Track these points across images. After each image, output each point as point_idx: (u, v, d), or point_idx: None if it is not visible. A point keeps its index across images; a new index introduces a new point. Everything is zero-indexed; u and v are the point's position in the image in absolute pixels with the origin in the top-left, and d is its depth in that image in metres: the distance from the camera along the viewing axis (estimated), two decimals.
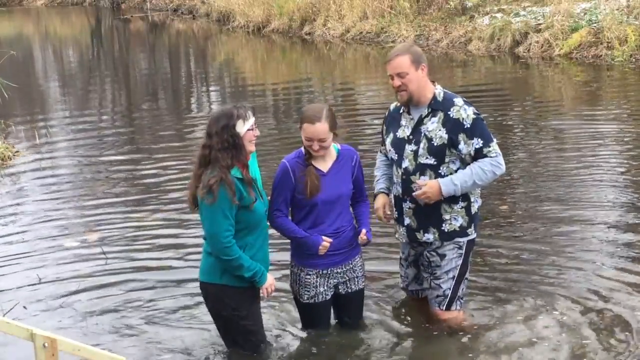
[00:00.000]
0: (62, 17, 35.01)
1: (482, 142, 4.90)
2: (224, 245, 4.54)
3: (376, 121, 11.81)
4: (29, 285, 6.46)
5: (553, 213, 7.39)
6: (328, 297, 5.05)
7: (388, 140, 5.17)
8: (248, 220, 4.62)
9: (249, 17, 23.29)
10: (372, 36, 19.61)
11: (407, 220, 5.13)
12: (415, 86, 4.92)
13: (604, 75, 14.23)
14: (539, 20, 16.51)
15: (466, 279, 5.22)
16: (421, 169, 4.97)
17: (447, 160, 4.94)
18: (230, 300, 4.71)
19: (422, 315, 5.41)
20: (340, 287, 5.06)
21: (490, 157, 4.90)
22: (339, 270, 5.00)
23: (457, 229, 5.04)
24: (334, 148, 4.93)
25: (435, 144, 4.92)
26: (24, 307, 6.04)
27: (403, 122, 5.09)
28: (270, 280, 4.77)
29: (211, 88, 17.50)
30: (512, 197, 7.96)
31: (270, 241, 4.91)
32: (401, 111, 5.11)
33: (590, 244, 6.68)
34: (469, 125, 4.88)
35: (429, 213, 5.01)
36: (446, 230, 5.04)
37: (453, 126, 4.89)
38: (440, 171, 4.95)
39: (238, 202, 4.52)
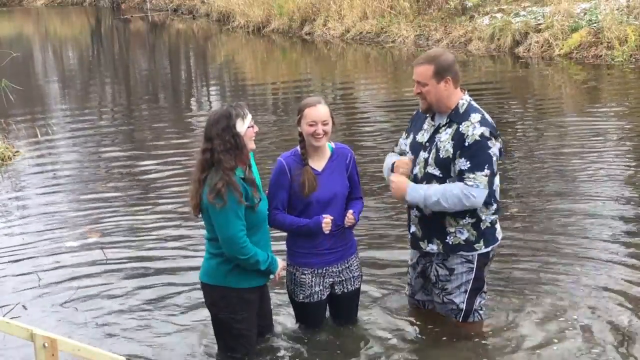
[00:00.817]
0: (62, 17, 35.02)
1: (468, 165, 4.65)
2: (241, 246, 4.54)
3: (375, 120, 11.84)
4: (29, 285, 6.46)
5: (557, 210, 7.41)
6: (323, 297, 5.05)
7: (408, 141, 5.03)
8: (252, 221, 4.63)
9: (249, 17, 23.29)
10: (372, 36, 19.61)
11: (413, 228, 5.04)
12: (433, 98, 4.77)
13: (604, 75, 14.22)
14: (539, 20, 16.51)
15: (484, 292, 5.06)
16: (428, 178, 4.83)
17: (452, 175, 4.76)
18: (229, 303, 4.72)
19: (420, 315, 5.39)
20: (336, 287, 5.06)
21: (466, 184, 4.65)
22: (334, 270, 5.00)
23: (463, 242, 4.87)
24: (328, 147, 4.93)
25: (441, 156, 4.77)
26: (24, 307, 6.04)
27: (425, 126, 4.95)
28: (281, 265, 4.83)
29: (211, 87, 17.51)
30: (516, 193, 7.97)
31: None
32: (427, 114, 4.96)
33: (599, 239, 6.67)
34: (467, 144, 4.66)
35: (434, 223, 4.88)
36: (450, 243, 4.89)
37: (457, 141, 4.71)
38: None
39: (246, 203, 4.52)
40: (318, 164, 4.88)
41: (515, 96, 13.27)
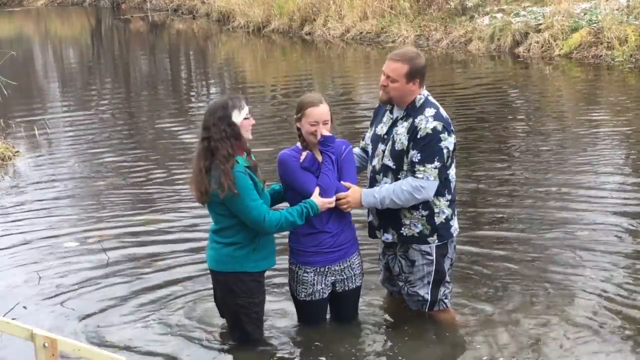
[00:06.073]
0: (62, 17, 35.01)
1: (419, 157, 4.81)
2: (269, 223, 4.67)
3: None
4: (29, 285, 6.46)
5: (554, 210, 7.41)
6: (325, 295, 5.08)
7: (369, 134, 5.19)
8: None
9: (249, 17, 23.28)
10: (372, 36, 19.61)
11: (370, 217, 5.18)
12: (397, 94, 4.92)
13: (604, 75, 14.23)
14: (539, 20, 16.52)
15: (447, 282, 5.16)
16: (384, 170, 4.98)
17: (405, 167, 4.90)
18: (247, 288, 4.84)
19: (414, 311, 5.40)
20: (337, 285, 5.08)
21: (416, 177, 4.81)
22: (336, 268, 5.02)
23: (416, 235, 4.98)
24: None
25: (396, 148, 4.91)
26: (24, 307, 6.04)
27: (384, 119, 5.10)
28: (324, 202, 4.79)
29: (211, 87, 17.51)
30: (515, 193, 7.98)
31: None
32: (387, 107, 5.11)
33: (597, 240, 6.68)
34: (419, 137, 4.82)
35: (390, 214, 5.00)
36: (404, 234, 5.01)
37: (412, 134, 4.86)
38: (399, 176, 4.93)
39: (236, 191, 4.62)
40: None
41: (514, 96, 13.26)
